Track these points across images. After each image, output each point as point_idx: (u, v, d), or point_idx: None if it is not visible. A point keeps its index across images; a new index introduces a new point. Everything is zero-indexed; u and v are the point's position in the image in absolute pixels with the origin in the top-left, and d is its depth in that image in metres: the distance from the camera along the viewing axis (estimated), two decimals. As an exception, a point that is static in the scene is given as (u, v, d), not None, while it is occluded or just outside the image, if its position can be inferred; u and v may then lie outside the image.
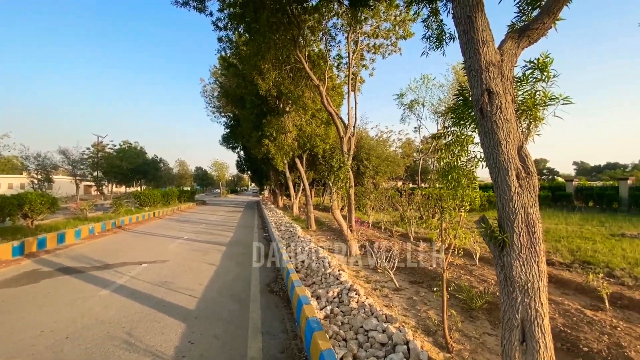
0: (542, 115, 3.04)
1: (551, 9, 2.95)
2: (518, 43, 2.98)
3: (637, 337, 3.73)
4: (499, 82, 2.83)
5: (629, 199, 19.53)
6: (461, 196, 3.54)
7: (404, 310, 5.30)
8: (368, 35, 10.91)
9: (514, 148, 2.81)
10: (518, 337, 2.80)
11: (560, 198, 23.29)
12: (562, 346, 3.75)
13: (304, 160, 19.03)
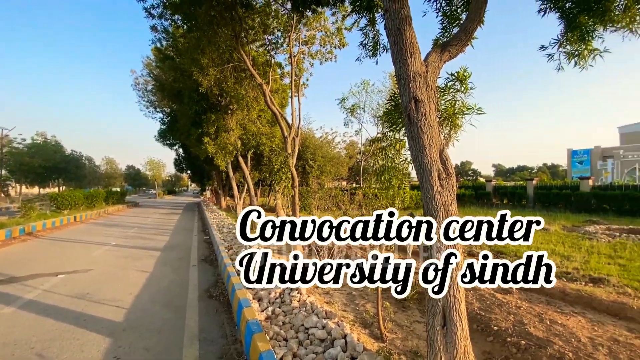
0: (460, 123, 3.41)
1: (467, 29, 3.34)
2: (441, 56, 3.31)
3: (535, 315, 4.39)
4: (424, 91, 3.11)
5: (534, 197, 22.80)
6: (393, 195, 3.80)
7: (344, 306, 5.50)
8: (305, 42, 11.16)
9: (436, 152, 3.11)
10: (440, 322, 3.10)
11: (481, 196, 26.25)
12: (477, 327, 4.25)
13: (248, 159, 18.59)
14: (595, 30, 3.10)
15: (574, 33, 3.15)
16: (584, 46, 3.19)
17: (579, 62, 3.28)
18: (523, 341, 3.67)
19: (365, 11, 3.84)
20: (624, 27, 3.03)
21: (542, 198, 21.90)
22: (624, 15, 2.95)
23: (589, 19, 3.01)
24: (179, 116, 18.96)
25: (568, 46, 3.30)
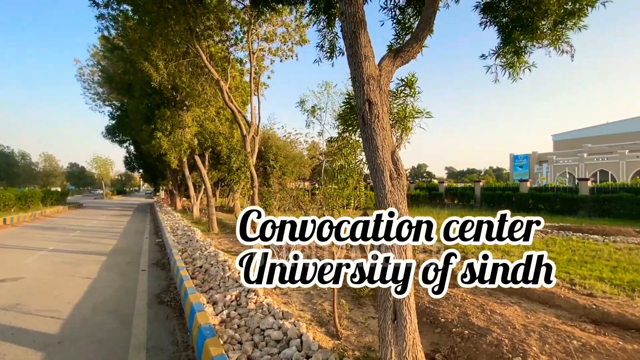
0: (411, 126, 3.58)
1: (418, 37, 3.51)
2: (393, 62, 3.44)
3: (477, 306, 4.73)
4: (377, 94, 3.21)
5: (480, 197, 24.62)
6: (349, 195, 3.89)
7: (302, 305, 5.50)
8: (265, 39, 11.02)
9: (388, 153, 3.24)
10: (391, 317, 3.22)
11: (434, 196, 27.79)
12: (426, 320, 4.49)
13: (206, 158, 17.89)
14: (527, 45, 3.45)
15: (509, 47, 3.47)
16: (516, 59, 3.53)
17: (512, 73, 3.63)
18: (466, 331, 3.94)
19: (322, 13, 3.89)
20: (550, 45, 3.41)
21: (488, 198, 23.74)
22: (551, 33, 3.32)
23: (521, 34, 3.35)
24: (129, 110, 17.71)
25: (504, 58, 3.63)
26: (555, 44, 3.40)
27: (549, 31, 3.33)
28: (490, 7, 3.71)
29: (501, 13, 3.59)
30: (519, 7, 3.58)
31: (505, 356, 3.37)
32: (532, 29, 3.29)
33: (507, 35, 3.52)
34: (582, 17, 3.43)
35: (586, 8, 3.35)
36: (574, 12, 3.40)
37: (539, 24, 3.29)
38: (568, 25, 3.45)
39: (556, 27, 3.36)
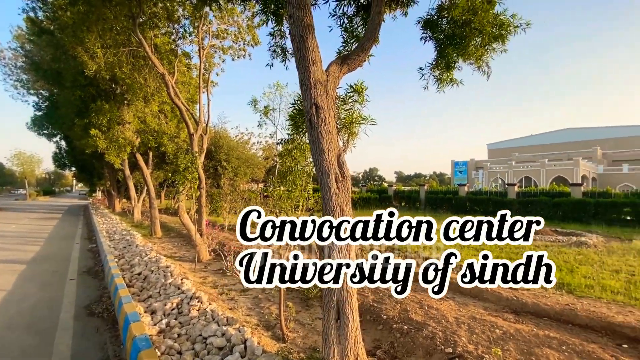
0: (357, 131, 3.71)
1: (364, 46, 3.66)
2: (340, 68, 3.55)
3: (417, 302, 5.03)
4: (324, 98, 3.28)
5: (425, 200, 26.29)
6: (297, 197, 3.90)
7: (248, 310, 5.38)
8: (216, 36, 10.66)
9: (334, 156, 3.32)
10: (334, 316, 3.29)
11: (384, 199, 29.08)
12: (370, 318, 4.66)
13: (149, 157, 16.69)
14: (456, 61, 3.82)
15: (442, 61, 3.81)
16: (447, 73, 3.89)
17: (439, 86, 3.99)
18: (406, 326, 4.17)
19: (272, 15, 3.88)
20: (475, 63, 3.82)
21: (432, 201, 25.46)
22: (477, 53, 3.71)
23: (453, 51, 3.69)
24: (60, 102, 15.84)
25: (437, 71, 3.96)
26: (478, 63, 3.81)
27: (476, 51, 3.71)
28: (430, 24, 4.01)
29: (439, 30, 3.91)
30: (455, 26, 3.92)
31: (438, 347, 3.63)
32: (464, 47, 3.64)
33: (441, 50, 3.85)
34: (505, 41, 3.87)
35: (507, 35, 3.79)
36: (499, 36, 3.82)
37: (470, 43, 3.65)
38: (494, 48, 3.87)
39: (484, 47, 3.75)
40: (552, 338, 3.75)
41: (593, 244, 10.26)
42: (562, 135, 53.61)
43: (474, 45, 3.70)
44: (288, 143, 4.25)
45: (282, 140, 4.42)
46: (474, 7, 3.77)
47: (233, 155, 20.86)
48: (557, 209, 18.22)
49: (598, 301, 5.28)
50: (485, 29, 3.51)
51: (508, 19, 3.84)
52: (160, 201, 34.38)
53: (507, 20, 3.85)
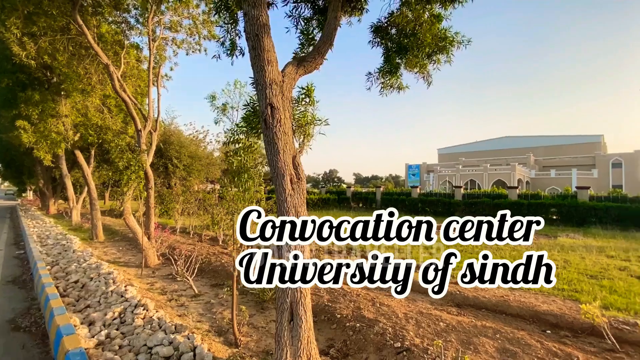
0: (312, 133, 3.75)
1: (320, 50, 3.71)
2: (297, 70, 3.55)
3: (369, 300, 5.20)
4: (280, 99, 3.27)
5: (381, 201, 27.28)
6: (250, 198, 3.83)
7: (200, 316, 5.16)
8: (169, 28, 10.10)
9: (290, 157, 3.31)
10: (287, 318, 3.28)
11: (343, 200, 29.65)
12: (324, 317, 4.72)
13: (91, 154, 15.28)
14: (399, 68, 4.06)
15: (387, 66, 4.02)
16: (392, 79, 4.12)
17: (383, 90, 4.22)
18: (358, 324, 4.28)
19: (225, 9, 3.77)
20: (418, 72, 4.10)
21: (387, 202, 26.48)
22: (420, 62, 3.98)
23: (399, 59, 3.91)
24: (-19, 89, 13.88)
25: (384, 77, 4.17)
26: (421, 71, 4.09)
27: (420, 60, 3.96)
28: (380, 30, 4.19)
29: (387, 37, 4.10)
30: (402, 35, 4.13)
31: (388, 343, 3.78)
32: (409, 55, 3.87)
33: (388, 57, 4.05)
34: (449, 54, 4.17)
35: (450, 49, 4.09)
36: (442, 47, 4.11)
37: (415, 53, 3.89)
38: (439, 58, 4.16)
39: (429, 58, 4.01)
40: (488, 328, 4.10)
41: (525, 240, 11.41)
42: (501, 142, 58.92)
43: (418, 55, 3.93)
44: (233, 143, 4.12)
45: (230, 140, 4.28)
46: (421, 20, 4.01)
47: (185, 153, 19.84)
48: (496, 210, 19.92)
49: (528, 292, 5.87)
50: (428, 41, 3.75)
51: (452, 35, 4.15)
52: (105, 202, 31.65)
53: (450, 36, 4.15)
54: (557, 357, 3.43)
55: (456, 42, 4.16)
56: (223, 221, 9.98)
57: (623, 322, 4.37)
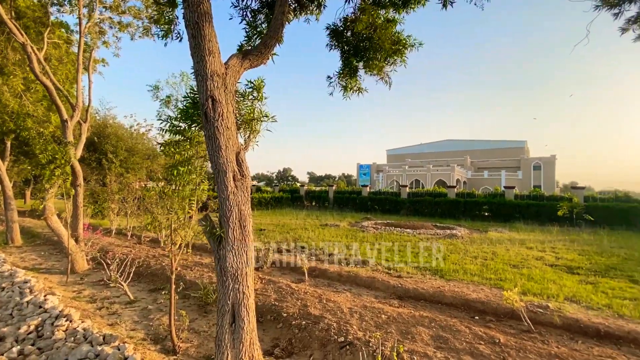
0: (259, 129, 3.66)
1: (267, 44, 3.63)
2: (241, 63, 3.43)
3: (316, 297, 5.24)
4: (222, 92, 3.13)
5: (333, 199, 27.78)
6: (189, 196, 3.62)
7: (134, 324, 4.76)
8: (109, 8, 9.15)
9: (232, 153, 3.19)
10: (229, 320, 3.16)
11: (296, 199, 29.62)
12: (271, 317, 4.65)
13: (7, 146, 13.28)
14: (357, 71, 4.16)
15: (347, 70, 4.09)
16: (352, 82, 4.21)
17: (345, 93, 4.31)
18: (304, 322, 4.29)
19: (165, -6, 3.51)
20: (377, 74, 4.24)
21: (339, 200, 27.08)
22: (378, 65, 4.12)
23: (357, 62, 4.00)
24: None
25: (343, 79, 4.24)
26: (380, 74, 4.23)
27: (378, 63, 4.10)
28: (336, 33, 4.24)
29: (344, 40, 4.17)
30: (359, 39, 4.22)
31: (332, 338, 3.84)
32: (366, 58, 3.97)
33: (346, 60, 4.12)
34: (403, 56, 4.36)
35: (404, 51, 4.28)
36: (397, 51, 4.28)
37: (371, 55, 4.00)
38: (395, 61, 4.33)
39: (384, 60, 4.16)
40: (425, 317, 4.38)
41: (461, 235, 12.44)
42: (443, 145, 63.68)
43: (375, 58, 4.05)
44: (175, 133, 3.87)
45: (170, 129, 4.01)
46: (375, 24, 4.13)
47: (122, 147, 18.21)
48: (437, 207, 21.51)
49: (461, 283, 6.39)
50: (384, 45, 3.89)
51: (405, 38, 4.34)
52: (25, 201, 27.78)
53: (404, 39, 4.34)
54: (482, 340, 3.78)
55: (409, 46, 4.36)
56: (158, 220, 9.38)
57: (537, 305, 4.96)
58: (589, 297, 5.45)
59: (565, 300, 5.36)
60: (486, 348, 3.58)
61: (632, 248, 10.38)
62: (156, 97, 11.69)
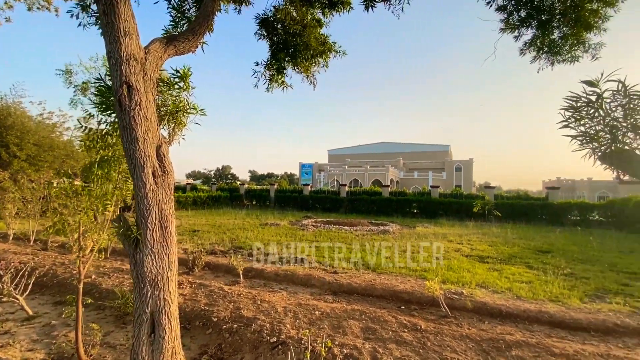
0: (185, 121, 3.40)
1: (196, 31, 3.39)
2: (165, 48, 3.15)
3: (250, 298, 5.09)
4: (140, 78, 2.83)
5: (275, 198, 27.47)
6: (103, 195, 3.21)
7: (33, 343, 4.08)
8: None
9: (152, 147, 2.90)
10: (147, 331, 2.87)
11: (235, 198, 28.62)
12: (199, 323, 4.38)
13: None
14: (286, 67, 4.15)
15: (275, 63, 4.05)
16: (278, 76, 4.18)
17: (270, 87, 4.27)
18: (236, 325, 4.12)
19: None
20: (303, 73, 4.28)
21: (280, 199, 26.88)
22: (305, 64, 4.15)
23: (285, 57, 3.97)
24: None
25: (270, 71, 4.19)
26: (307, 73, 4.27)
27: (305, 62, 4.12)
28: (266, 24, 4.15)
29: (273, 32, 4.10)
30: (287, 33, 4.18)
31: (264, 339, 3.76)
32: (295, 56, 3.96)
33: (274, 53, 4.06)
34: (327, 59, 4.45)
35: (329, 54, 4.37)
36: (323, 52, 4.34)
37: (299, 53, 4.00)
38: (320, 62, 4.39)
39: (311, 60, 4.20)
40: (356, 310, 4.55)
41: (393, 231, 13.30)
42: (380, 147, 67.58)
43: (303, 55, 4.06)
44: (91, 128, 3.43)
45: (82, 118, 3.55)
46: (304, 21, 4.13)
47: (30, 139, 15.60)
48: (373, 205, 22.71)
49: (391, 275, 6.80)
50: (312, 44, 3.92)
51: (331, 42, 4.43)
52: None
53: (330, 43, 4.43)
54: (406, 328, 4.05)
55: (334, 51, 4.47)
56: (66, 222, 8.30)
57: (454, 292, 5.51)
58: (495, 283, 6.23)
59: (476, 286, 6.05)
60: (409, 335, 3.85)
61: (529, 239, 12.22)
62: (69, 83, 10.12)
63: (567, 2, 3.55)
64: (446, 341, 3.76)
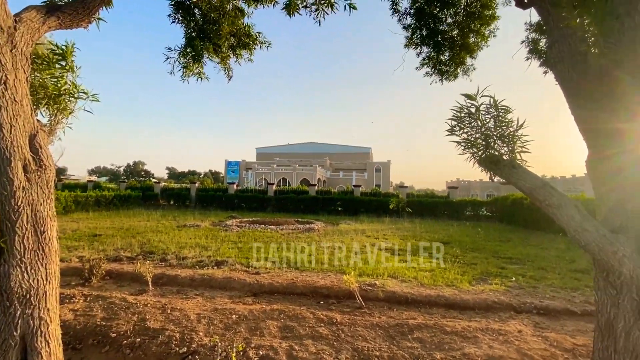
0: (72, 107, 2.91)
1: (88, 4, 2.92)
2: (45, 19, 2.63)
3: (159, 308, 4.63)
4: (7, 51, 2.31)
5: (196, 198, 25.71)
6: None
7: None
8: None
9: (24, 135, 2.41)
10: (16, 358, 2.38)
11: (149, 197, 25.90)
12: (93, 341, 3.80)
13: None
14: (203, 56, 3.91)
15: (190, 50, 3.77)
16: (194, 64, 3.92)
17: (184, 73, 4.00)
18: (139, 338, 3.70)
19: None
20: (219, 63, 4.09)
21: (203, 199, 25.26)
22: (222, 54, 3.95)
23: (200, 43, 3.72)
24: None
25: (184, 58, 3.89)
26: (223, 63, 4.08)
27: (222, 51, 3.92)
28: (182, 7, 3.83)
29: (191, 17, 3.80)
30: (206, 21, 3.93)
31: (172, 351, 3.46)
32: (210, 42, 3.73)
33: (189, 39, 3.78)
34: (251, 51, 4.31)
35: (253, 46, 4.25)
36: (246, 44, 4.20)
37: (218, 41, 3.79)
38: (241, 54, 4.23)
39: (233, 50, 4.02)
40: (276, 310, 4.52)
41: (318, 229, 13.66)
42: (308, 146, 68.87)
43: (222, 45, 3.86)
44: None
45: None
46: (225, 9, 3.92)
47: None
48: (300, 204, 23.01)
49: (313, 272, 6.95)
50: (223, 32, 3.75)
51: (255, 33, 4.31)
52: None
53: (254, 34, 4.30)
54: (323, 322, 4.18)
55: (259, 42, 4.35)
56: None
57: (368, 284, 5.89)
58: (404, 273, 6.87)
59: (388, 277, 6.58)
60: (325, 329, 3.98)
61: (434, 232, 13.85)
62: None
63: (454, 30, 4.22)
64: (359, 331, 3.99)
